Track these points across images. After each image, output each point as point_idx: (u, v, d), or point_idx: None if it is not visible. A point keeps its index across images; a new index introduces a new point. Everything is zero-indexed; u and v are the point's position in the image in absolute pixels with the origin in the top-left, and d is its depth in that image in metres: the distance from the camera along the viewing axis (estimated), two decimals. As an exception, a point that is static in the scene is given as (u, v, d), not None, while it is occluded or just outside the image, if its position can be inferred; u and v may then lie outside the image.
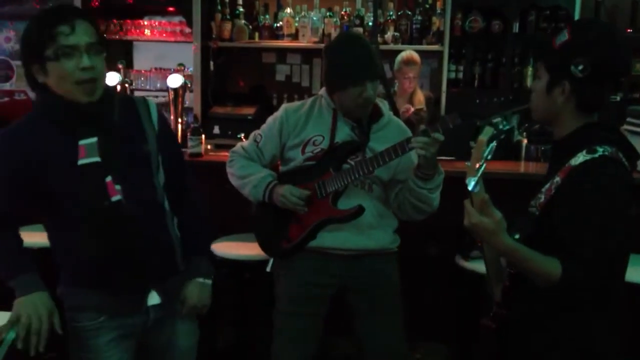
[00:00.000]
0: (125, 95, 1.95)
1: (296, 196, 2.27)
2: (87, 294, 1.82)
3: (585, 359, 1.65)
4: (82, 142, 1.72)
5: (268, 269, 2.47)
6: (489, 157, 1.51)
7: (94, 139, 1.73)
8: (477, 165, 1.49)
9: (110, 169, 1.74)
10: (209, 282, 1.99)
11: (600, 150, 1.59)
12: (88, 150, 1.72)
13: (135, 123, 1.86)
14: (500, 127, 1.68)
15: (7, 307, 1.79)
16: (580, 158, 1.60)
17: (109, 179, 1.73)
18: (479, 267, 2.58)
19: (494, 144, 1.54)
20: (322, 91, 2.40)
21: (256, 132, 2.45)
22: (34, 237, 2.08)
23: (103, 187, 1.72)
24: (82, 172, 1.71)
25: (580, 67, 1.60)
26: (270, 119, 2.44)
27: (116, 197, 1.73)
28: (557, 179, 1.63)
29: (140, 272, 1.81)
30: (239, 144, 2.49)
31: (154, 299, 1.86)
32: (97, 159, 1.72)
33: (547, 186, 1.66)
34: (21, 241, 1.87)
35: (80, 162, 1.71)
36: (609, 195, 1.55)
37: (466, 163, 1.54)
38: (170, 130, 2.06)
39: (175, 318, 1.94)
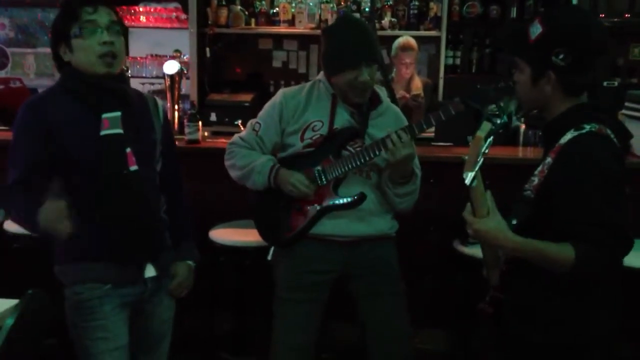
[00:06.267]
0: (135, 90, 2.06)
1: (305, 184, 2.26)
2: (91, 266, 1.91)
3: (581, 341, 1.65)
4: (105, 115, 1.88)
5: (269, 258, 2.45)
6: (487, 151, 1.53)
7: (118, 113, 1.90)
8: (475, 160, 1.50)
9: (129, 141, 1.91)
10: (194, 266, 2.18)
11: (587, 127, 1.61)
12: (111, 123, 1.88)
13: (145, 113, 2.04)
14: (499, 121, 1.69)
15: (6, 294, 1.81)
16: (569, 136, 1.62)
17: (128, 150, 1.90)
18: (478, 252, 2.58)
19: (491, 138, 1.55)
20: (321, 75, 2.37)
21: (253, 120, 2.40)
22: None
23: (124, 157, 1.89)
24: (104, 142, 1.87)
25: (561, 57, 1.62)
26: (267, 106, 2.39)
27: (134, 167, 1.91)
28: (549, 159, 1.65)
29: (139, 244, 1.94)
30: (236, 135, 2.44)
31: (150, 271, 2.00)
32: (120, 130, 1.89)
33: (539, 168, 1.68)
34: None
35: (103, 132, 1.87)
36: (600, 168, 1.55)
37: (464, 157, 1.55)
38: (170, 128, 2.25)
39: (162, 291, 2.08)
